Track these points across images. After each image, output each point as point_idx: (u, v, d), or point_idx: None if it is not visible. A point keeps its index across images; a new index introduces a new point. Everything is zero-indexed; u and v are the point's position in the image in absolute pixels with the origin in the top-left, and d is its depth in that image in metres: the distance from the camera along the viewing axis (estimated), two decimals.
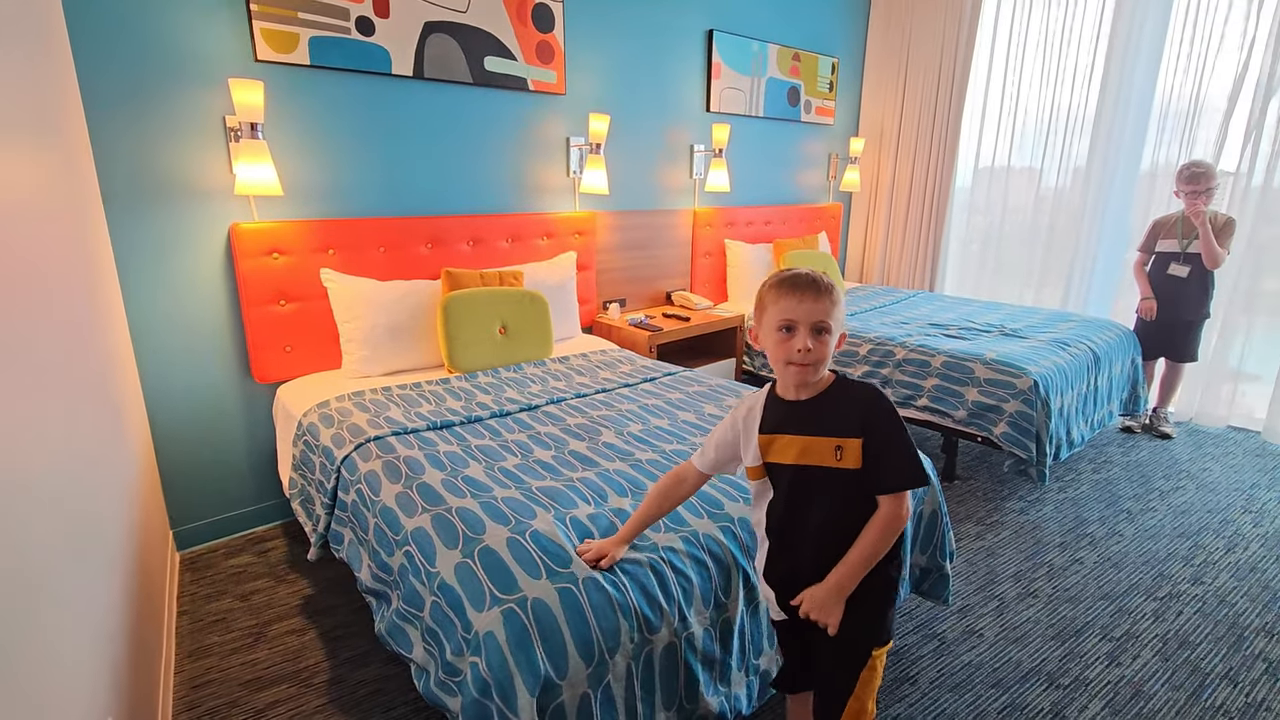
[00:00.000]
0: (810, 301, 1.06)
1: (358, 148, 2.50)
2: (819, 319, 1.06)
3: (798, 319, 1.06)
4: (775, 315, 1.09)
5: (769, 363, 1.15)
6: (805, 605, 1.09)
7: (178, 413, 2.29)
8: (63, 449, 1.09)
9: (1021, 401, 2.56)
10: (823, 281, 1.07)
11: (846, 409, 1.09)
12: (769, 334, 1.10)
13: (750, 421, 1.18)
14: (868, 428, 1.07)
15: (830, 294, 1.07)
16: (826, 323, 1.06)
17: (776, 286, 1.09)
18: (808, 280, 1.07)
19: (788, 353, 1.07)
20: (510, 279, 2.68)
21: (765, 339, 1.12)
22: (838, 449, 1.07)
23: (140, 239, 2.13)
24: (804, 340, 1.06)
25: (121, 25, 1.99)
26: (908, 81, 4.41)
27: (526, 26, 2.84)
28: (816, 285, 1.06)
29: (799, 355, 1.06)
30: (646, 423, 2.01)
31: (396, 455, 1.73)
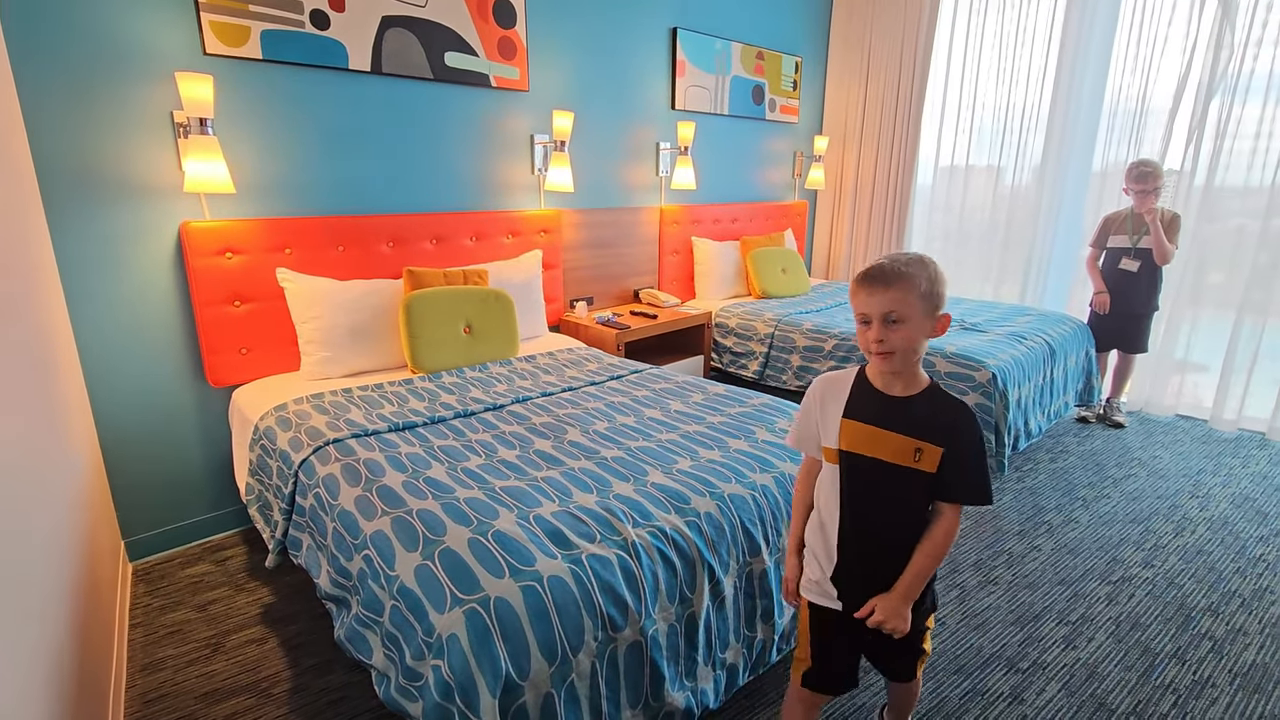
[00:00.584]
0: (880, 293, 1.07)
1: (314, 144, 2.44)
2: (888, 309, 1.07)
3: (870, 311, 1.09)
4: (855, 309, 1.13)
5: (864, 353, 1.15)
6: (878, 615, 1.12)
7: (127, 419, 2.21)
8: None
9: (980, 394, 2.62)
10: (892, 270, 1.08)
11: (936, 415, 1.11)
12: (857, 326, 1.14)
13: (832, 399, 1.19)
14: (953, 438, 1.10)
15: (902, 282, 1.07)
16: (897, 312, 1.07)
17: (856, 281, 1.13)
18: (877, 271, 1.09)
19: (865, 343, 1.11)
20: (475, 277, 2.65)
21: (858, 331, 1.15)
22: (917, 451, 1.10)
23: (83, 239, 2.04)
24: (877, 331, 1.08)
25: (59, 14, 1.91)
26: (869, 80, 4.47)
27: (488, 22, 2.81)
28: (885, 276, 1.08)
29: (874, 345, 1.09)
30: (613, 420, 2.00)
31: (356, 458, 1.69)
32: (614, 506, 1.44)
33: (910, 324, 1.08)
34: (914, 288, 1.07)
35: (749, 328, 3.46)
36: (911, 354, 1.10)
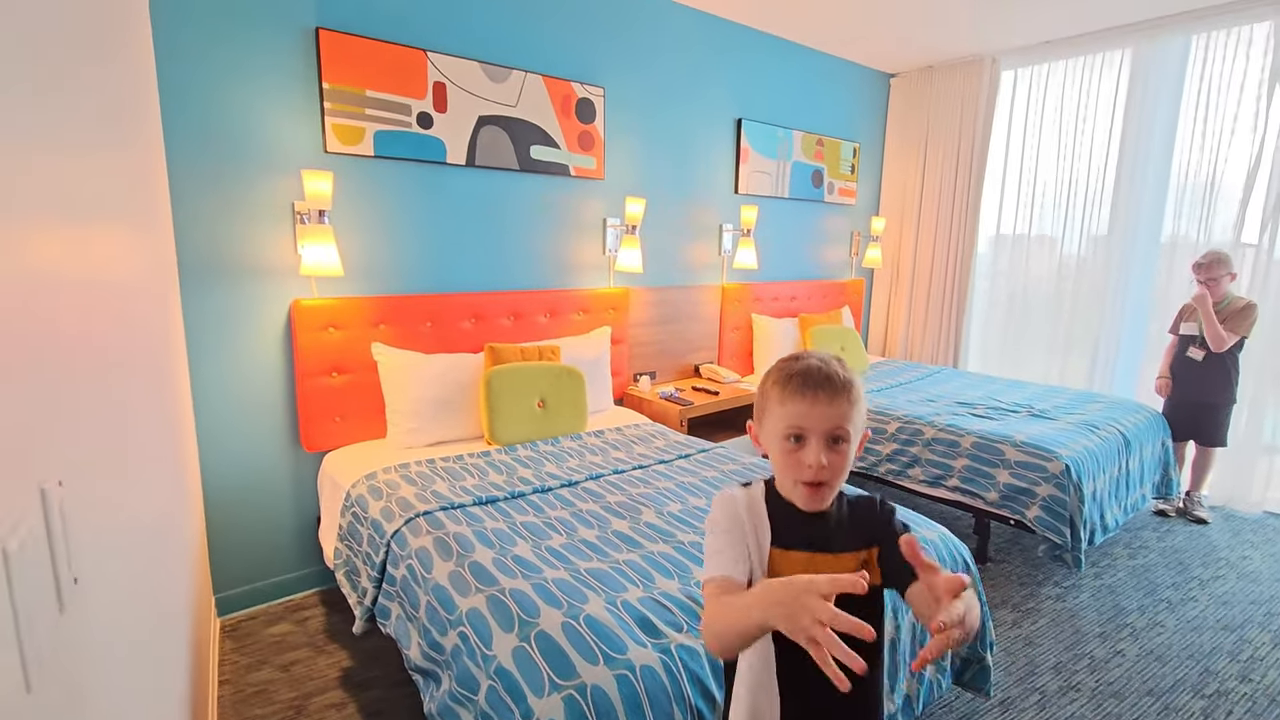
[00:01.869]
0: (825, 404, 0.85)
1: (411, 229, 2.66)
2: (835, 425, 0.85)
3: (808, 427, 0.86)
4: (781, 420, 0.88)
5: (778, 480, 0.94)
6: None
7: (228, 478, 2.37)
8: (149, 509, 1.17)
9: (1054, 485, 2.57)
10: (839, 376, 0.87)
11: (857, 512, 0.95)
12: (773, 440, 0.90)
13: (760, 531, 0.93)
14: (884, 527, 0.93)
15: (849, 392, 0.87)
16: (845, 429, 0.86)
17: (783, 383, 0.89)
18: (822, 376, 0.86)
19: (797, 468, 0.87)
20: (549, 353, 2.78)
21: (769, 444, 0.91)
22: (863, 563, 0.90)
23: (209, 312, 2.26)
24: (817, 454, 0.85)
25: (209, 120, 2.18)
26: (927, 160, 4.59)
27: (570, 118, 3.05)
28: (832, 383, 0.86)
29: (810, 474, 0.86)
30: (685, 502, 2.05)
31: (446, 531, 1.78)
32: (697, 595, 1.48)
33: (851, 444, 0.88)
34: (858, 399, 0.88)
35: None
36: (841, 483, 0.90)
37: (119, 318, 1.07)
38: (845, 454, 0.87)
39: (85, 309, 0.80)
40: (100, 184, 0.95)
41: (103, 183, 0.98)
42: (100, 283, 0.93)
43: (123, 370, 1.04)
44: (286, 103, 2.32)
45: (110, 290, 0.99)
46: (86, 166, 0.89)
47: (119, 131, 1.26)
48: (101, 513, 0.77)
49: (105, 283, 0.96)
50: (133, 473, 1.02)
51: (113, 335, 1.00)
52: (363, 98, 2.45)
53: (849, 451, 0.88)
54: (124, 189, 1.34)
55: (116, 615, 0.80)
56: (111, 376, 0.93)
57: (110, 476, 0.85)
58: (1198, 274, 3.19)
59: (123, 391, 1.01)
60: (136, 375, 1.17)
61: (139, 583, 0.97)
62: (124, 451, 0.96)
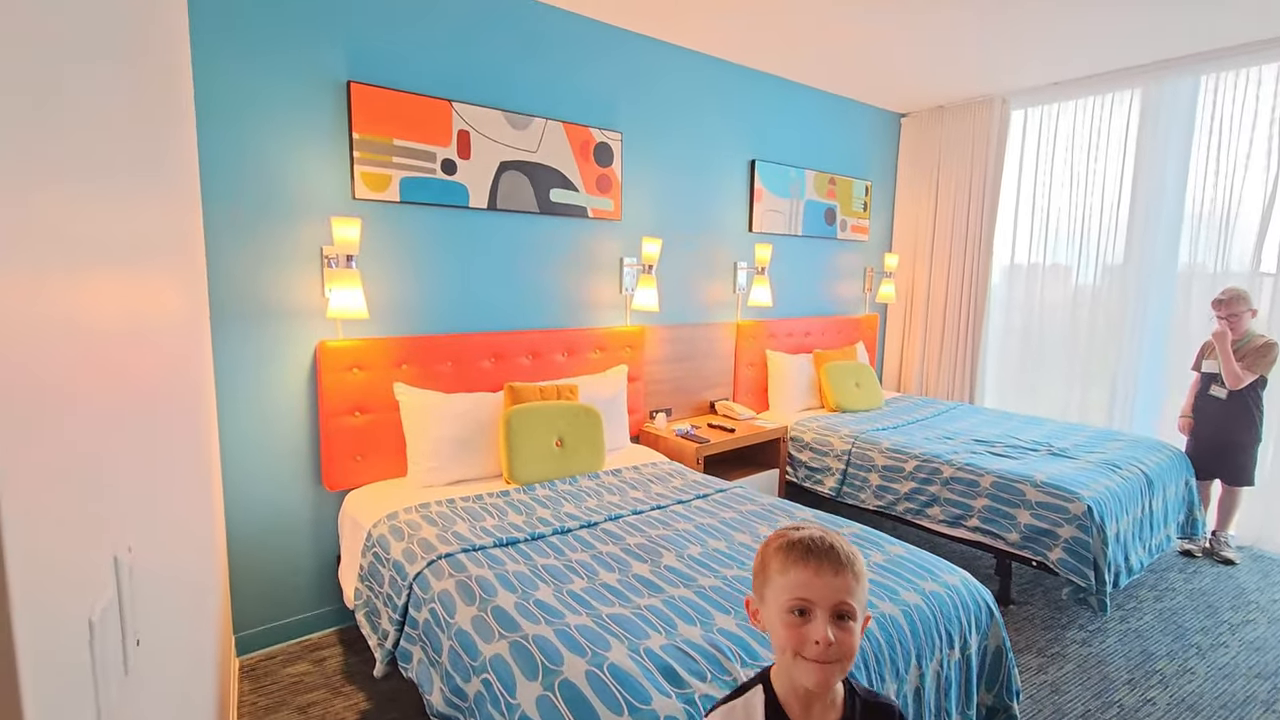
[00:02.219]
0: (830, 575, 0.82)
1: (434, 271, 2.73)
2: (841, 599, 0.82)
3: (813, 599, 0.82)
4: (784, 592, 0.84)
5: (778, 655, 0.88)
6: None
7: (251, 517, 2.40)
8: (191, 558, 1.19)
9: (1076, 526, 2.54)
10: (842, 550, 0.84)
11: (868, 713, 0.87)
12: (775, 614, 0.85)
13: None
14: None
15: (852, 566, 0.84)
16: (851, 605, 0.82)
17: (785, 550, 0.86)
18: (825, 546, 0.84)
19: (801, 642, 0.82)
20: (567, 392, 2.82)
21: (770, 619, 0.87)
22: None
23: (238, 354, 2.32)
24: (823, 628, 0.81)
25: (244, 169, 2.27)
26: (939, 197, 4.64)
27: (588, 162, 3.13)
28: (836, 555, 0.83)
29: (816, 650, 0.81)
30: (704, 544, 2.05)
31: (468, 574, 1.80)
32: (720, 643, 1.48)
33: (858, 624, 0.84)
34: (862, 575, 0.85)
35: (825, 443, 3.48)
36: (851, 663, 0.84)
37: (165, 366, 1.12)
38: (853, 632, 0.82)
39: (135, 359, 0.82)
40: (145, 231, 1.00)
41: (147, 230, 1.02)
42: (147, 330, 0.96)
43: (168, 421, 1.08)
44: (317, 152, 2.41)
45: (156, 337, 1.03)
46: (133, 214, 0.92)
47: (162, 181, 1.32)
48: (156, 571, 0.79)
49: (152, 330, 1.00)
50: (179, 524, 1.05)
51: (161, 385, 1.04)
52: (390, 146, 2.54)
53: (856, 631, 0.83)
54: (165, 236, 1.40)
55: (162, 668, 0.83)
56: (160, 428, 0.97)
57: (164, 531, 0.88)
58: (1218, 310, 3.18)
59: (169, 443, 1.05)
60: (178, 424, 1.21)
61: (180, 633, 0.99)
62: (173, 504, 1.00)
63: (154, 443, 0.89)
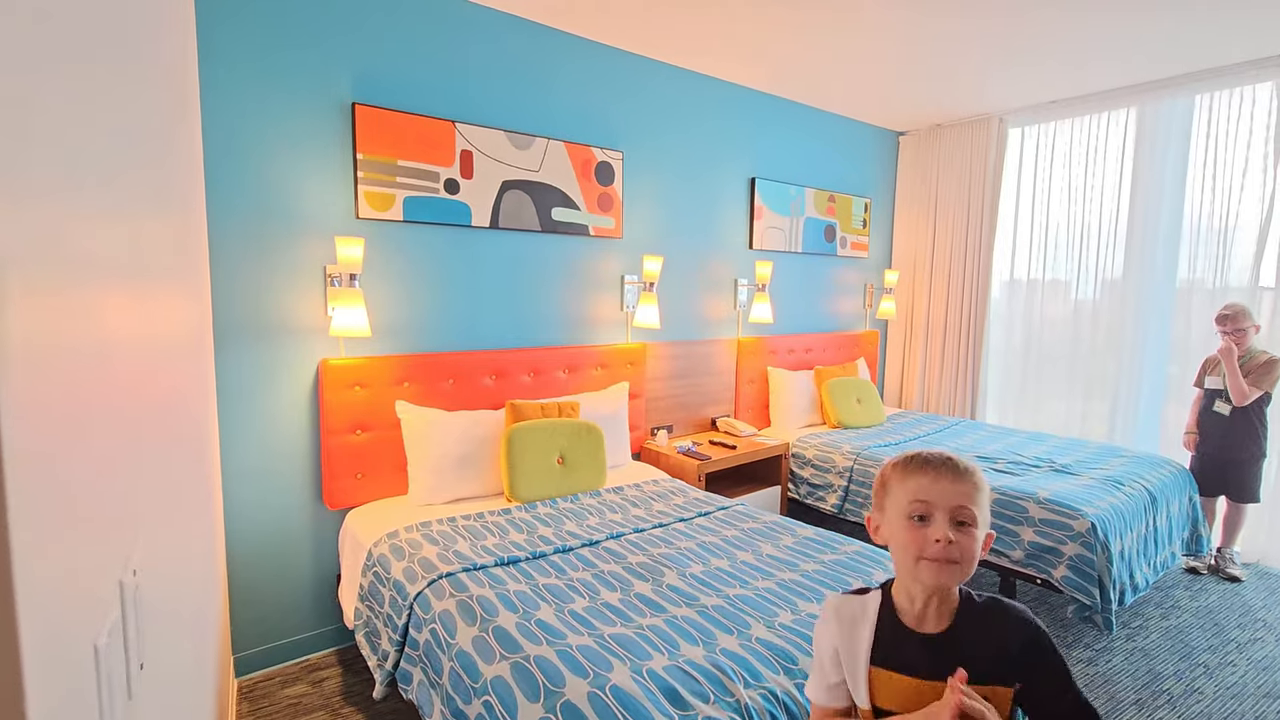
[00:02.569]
0: (948, 481, 0.85)
1: (436, 290, 2.75)
2: (960, 504, 0.85)
3: (933, 501, 0.86)
4: (904, 497, 0.88)
5: (896, 560, 0.90)
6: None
7: (251, 535, 2.39)
8: (194, 579, 1.19)
9: (1080, 544, 2.53)
10: (962, 462, 0.88)
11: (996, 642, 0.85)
12: (896, 521, 0.89)
13: (855, 644, 0.91)
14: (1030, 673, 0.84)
15: (973, 477, 0.87)
16: (971, 510, 0.85)
17: (904, 464, 0.90)
18: (944, 458, 0.88)
19: (922, 544, 0.85)
20: (568, 410, 2.82)
21: (891, 528, 0.90)
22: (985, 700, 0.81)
23: (241, 369, 2.33)
24: (943, 528, 0.84)
25: (249, 185, 2.29)
26: (938, 214, 4.68)
27: (590, 181, 3.16)
28: (954, 464, 0.87)
29: (936, 548, 0.83)
30: (707, 563, 2.04)
31: (469, 594, 1.79)
32: (722, 663, 1.47)
33: (978, 531, 0.85)
34: (982, 487, 0.88)
35: (827, 459, 3.47)
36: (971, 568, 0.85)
37: (173, 384, 1.12)
38: (973, 537, 0.84)
39: (144, 377, 0.83)
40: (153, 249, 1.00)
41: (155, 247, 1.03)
42: (156, 348, 0.96)
43: (175, 440, 1.08)
44: (322, 172, 2.43)
45: (164, 355, 1.03)
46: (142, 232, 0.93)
47: (169, 197, 1.34)
48: (159, 593, 0.79)
49: (160, 348, 1.00)
50: (182, 545, 1.05)
51: (168, 404, 1.04)
52: (394, 166, 2.57)
53: (977, 537, 0.84)
54: (172, 252, 1.41)
55: (163, 692, 0.82)
56: (167, 448, 0.97)
57: (167, 553, 0.87)
58: (1222, 326, 3.19)
59: (175, 462, 1.05)
60: (183, 443, 1.21)
61: (181, 656, 0.99)
62: (176, 524, 1.00)
63: (160, 463, 0.89)
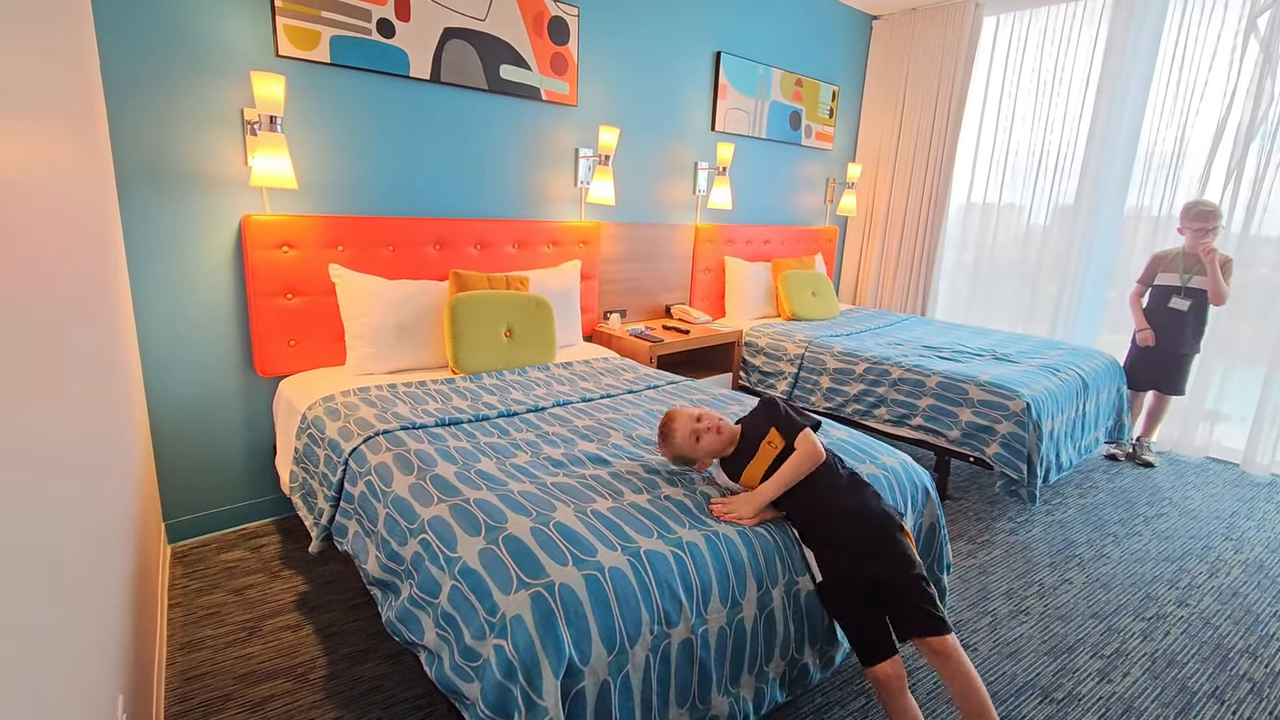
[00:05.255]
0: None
1: (372, 147, 2.52)
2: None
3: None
4: None
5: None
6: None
7: (177, 402, 2.26)
8: (81, 430, 1.08)
9: (1014, 423, 2.62)
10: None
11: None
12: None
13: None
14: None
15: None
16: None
17: None
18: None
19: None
20: (517, 283, 2.70)
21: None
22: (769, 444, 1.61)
23: (151, 225, 2.11)
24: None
25: (145, 13, 2.00)
26: (905, 111, 4.54)
27: (542, 38, 2.90)
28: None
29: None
30: (654, 427, 2.02)
31: (407, 449, 1.73)
32: (666, 507, 1.46)
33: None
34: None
35: (779, 348, 3.48)
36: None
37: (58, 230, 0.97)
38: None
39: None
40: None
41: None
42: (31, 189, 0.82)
43: (56, 276, 0.94)
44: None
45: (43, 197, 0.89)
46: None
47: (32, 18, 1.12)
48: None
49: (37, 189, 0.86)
50: (69, 384, 0.93)
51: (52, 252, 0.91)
52: None
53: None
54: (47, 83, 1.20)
55: (55, 547, 0.73)
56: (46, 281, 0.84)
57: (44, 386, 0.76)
58: (1199, 222, 3.15)
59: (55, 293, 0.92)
60: (71, 282, 1.07)
61: (84, 509, 0.90)
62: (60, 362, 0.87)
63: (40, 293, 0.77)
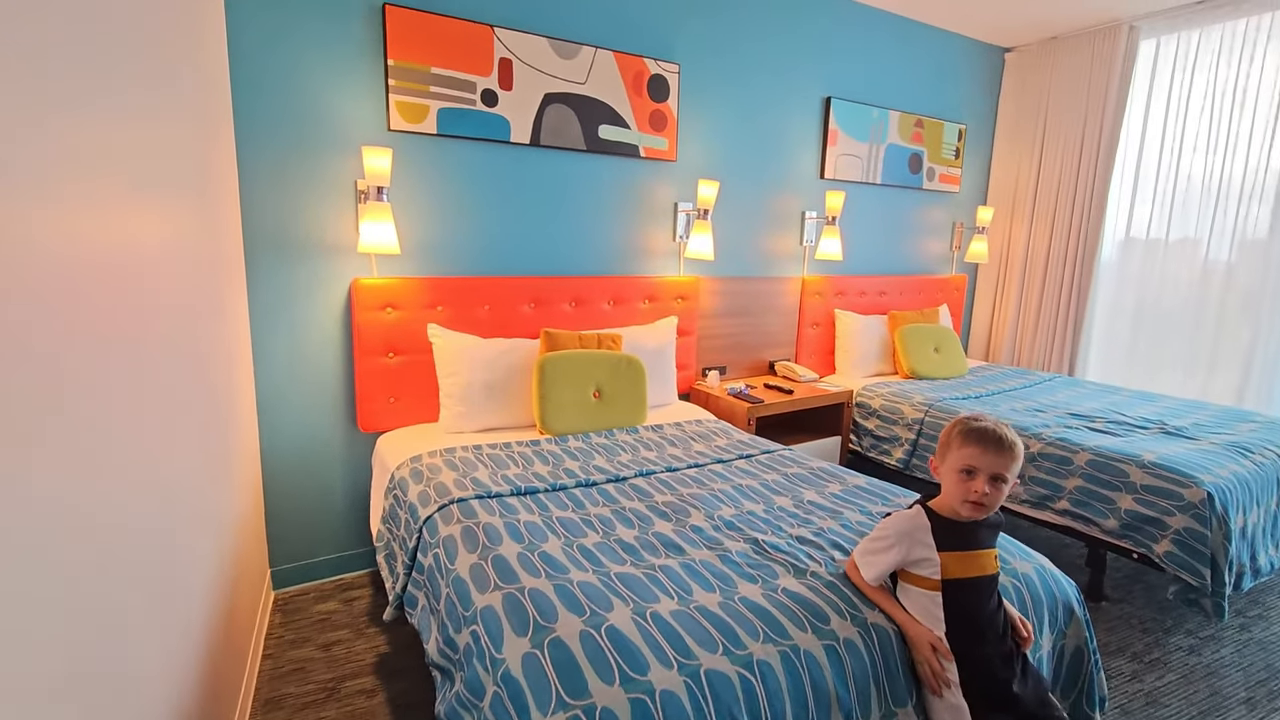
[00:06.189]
0: (995, 455, 1.26)
1: (473, 210, 2.60)
2: (1000, 471, 1.26)
3: (980, 466, 1.27)
4: (958, 461, 1.29)
5: (946, 495, 1.33)
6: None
7: (288, 453, 2.39)
8: (159, 477, 1.11)
9: (1191, 516, 2.16)
10: (1007, 439, 1.27)
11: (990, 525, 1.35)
12: (951, 473, 1.31)
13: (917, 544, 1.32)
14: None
15: (1013, 451, 1.26)
16: (1005, 475, 1.27)
17: (964, 434, 1.29)
18: (994, 436, 1.27)
19: (966, 492, 1.28)
20: (609, 341, 2.65)
21: (947, 475, 1.32)
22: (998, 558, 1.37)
23: (272, 289, 2.28)
24: (982, 485, 1.27)
25: (276, 99, 2.19)
26: (1045, 145, 4.10)
27: (642, 96, 2.90)
28: (1000, 441, 1.26)
29: (978, 497, 1.27)
30: (739, 506, 1.85)
31: (477, 520, 1.68)
32: (739, 612, 1.29)
33: (1007, 485, 1.28)
34: (1019, 457, 1.27)
35: (895, 410, 3.17)
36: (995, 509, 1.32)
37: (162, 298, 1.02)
38: (1003, 491, 1.29)
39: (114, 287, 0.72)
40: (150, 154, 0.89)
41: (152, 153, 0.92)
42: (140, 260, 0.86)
43: (164, 352, 0.99)
44: (352, 80, 2.30)
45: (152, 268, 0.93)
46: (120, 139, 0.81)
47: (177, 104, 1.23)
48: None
49: (147, 260, 0.90)
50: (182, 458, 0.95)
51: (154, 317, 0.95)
52: (427, 74, 2.41)
53: (1005, 490, 1.29)
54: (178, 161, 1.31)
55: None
56: (151, 357, 0.87)
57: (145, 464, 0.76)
58: None
59: (164, 371, 0.95)
60: (182, 356, 1.12)
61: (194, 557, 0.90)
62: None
63: (136, 368, 0.78)
